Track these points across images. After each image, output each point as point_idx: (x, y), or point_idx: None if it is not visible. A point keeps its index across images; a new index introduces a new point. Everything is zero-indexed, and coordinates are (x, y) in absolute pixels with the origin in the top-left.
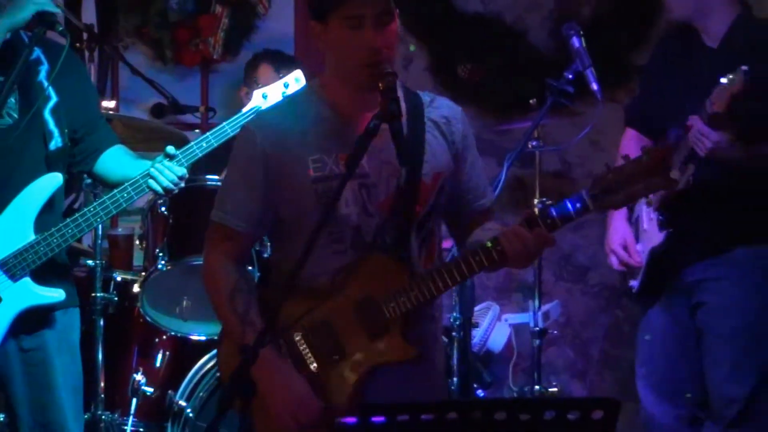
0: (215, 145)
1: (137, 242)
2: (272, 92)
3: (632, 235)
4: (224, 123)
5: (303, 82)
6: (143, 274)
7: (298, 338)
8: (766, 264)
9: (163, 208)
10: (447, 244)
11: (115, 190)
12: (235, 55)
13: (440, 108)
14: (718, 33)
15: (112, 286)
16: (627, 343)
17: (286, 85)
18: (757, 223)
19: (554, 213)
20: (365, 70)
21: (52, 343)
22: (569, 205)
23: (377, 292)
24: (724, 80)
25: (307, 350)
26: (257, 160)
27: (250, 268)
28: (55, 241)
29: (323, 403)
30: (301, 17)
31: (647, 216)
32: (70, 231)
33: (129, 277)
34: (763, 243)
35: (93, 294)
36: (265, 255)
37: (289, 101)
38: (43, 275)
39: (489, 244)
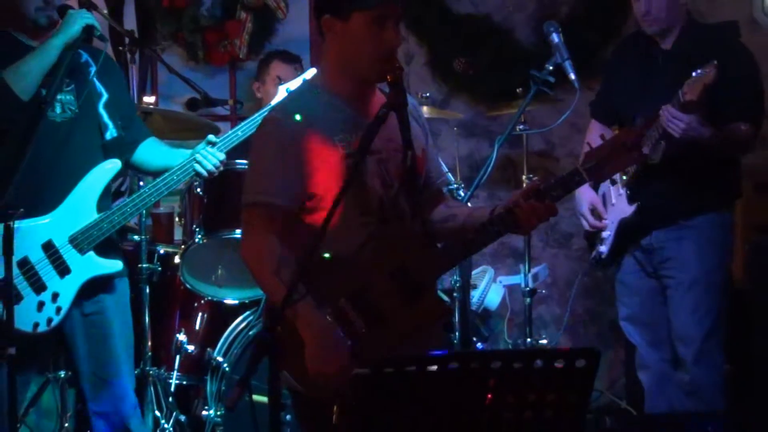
0: (249, 133)
1: (177, 219)
2: (294, 86)
3: (599, 200)
4: (255, 114)
5: None
6: (183, 247)
7: (343, 305)
8: (719, 226)
9: (198, 189)
10: None
11: (165, 174)
12: (258, 54)
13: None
14: (671, 37)
15: (155, 258)
16: (606, 300)
17: (305, 80)
18: (713, 194)
19: (558, 186)
20: (379, 64)
21: (109, 307)
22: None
23: (407, 259)
24: (696, 73)
25: (354, 314)
26: (289, 143)
27: None
28: (116, 218)
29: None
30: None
31: (615, 192)
32: (128, 210)
33: (170, 249)
34: (717, 210)
35: (139, 265)
36: None
37: (299, 94)
38: (103, 249)
39: (504, 212)
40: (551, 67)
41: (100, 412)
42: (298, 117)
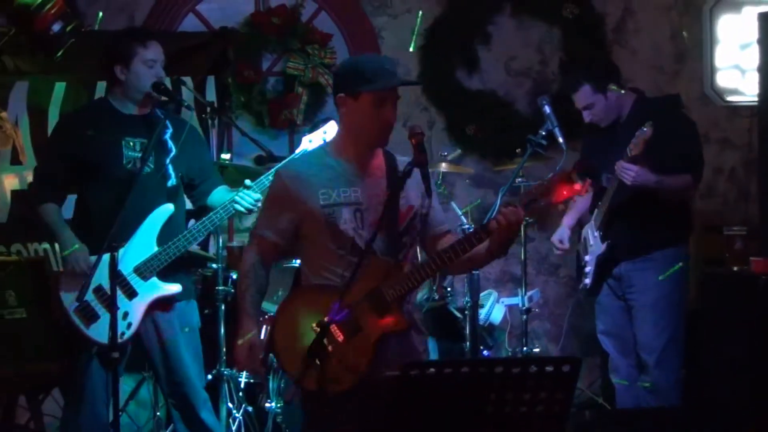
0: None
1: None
2: (315, 137)
3: (567, 235)
4: (284, 161)
5: (336, 128)
6: None
7: (327, 320)
8: (672, 259)
9: None
10: None
11: (211, 213)
12: (312, 121)
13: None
14: (624, 114)
15: (229, 282)
16: (586, 317)
17: (324, 132)
18: (669, 233)
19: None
20: (380, 134)
21: (177, 324)
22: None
23: (380, 283)
24: (638, 133)
25: (336, 329)
26: (282, 194)
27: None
28: (172, 251)
29: (350, 366)
30: None
31: (592, 235)
32: (182, 243)
33: None
34: (670, 246)
35: (216, 287)
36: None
37: (309, 154)
38: (171, 275)
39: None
40: (544, 133)
41: (176, 404)
42: (302, 177)
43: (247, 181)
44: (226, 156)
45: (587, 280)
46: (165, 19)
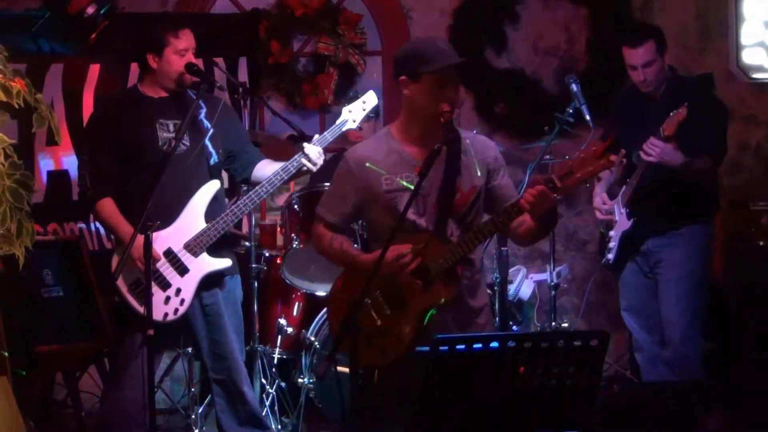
0: (330, 140)
1: (279, 229)
2: (355, 108)
3: (605, 197)
4: (326, 132)
5: (375, 99)
6: (283, 251)
7: (377, 293)
8: (702, 235)
9: (296, 206)
10: None
11: (257, 186)
12: (342, 101)
13: (477, 142)
14: (660, 90)
15: (262, 260)
16: (613, 292)
17: (364, 101)
18: (696, 210)
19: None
20: (441, 115)
21: (222, 299)
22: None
23: (426, 257)
24: (672, 113)
25: (382, 300)
26: (347, 177)
27: (355, 245)
28: (220, 226)
29: (396, 338)
30: (387, 73)
31: (618, 211)
32: (230, 218)
33: (274, 253)
34: (698, 222)
35: (250, 265)
36: (365, 236)
37: (374, 139)
38: (217, 251)
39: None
40: (571, 110)
41: (218, 379)
42: (367, 163)
43: (316, 136)
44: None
45: (610, 255)
46: (197, 0)
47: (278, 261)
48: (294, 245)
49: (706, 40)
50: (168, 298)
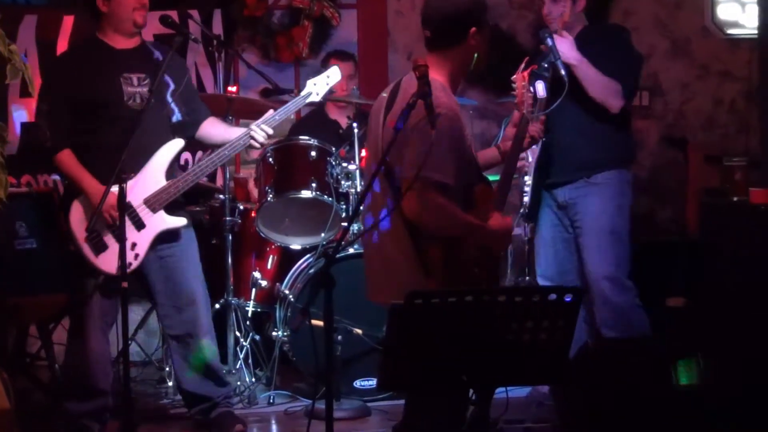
0: (279, 119)
1: (253, 182)
2: (319, 81)
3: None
4: (288, 103)
5: (339, 75)
6: (258, 203)
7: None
8: (616, 182)
9: (270, 159)
10: None
11: (221, 148)
12: (317, 54)
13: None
14: (573, 33)
15: (237, 213)
16: None
17: (328, 76)
18: (605, 154)
19: None
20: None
21: (179, 251)
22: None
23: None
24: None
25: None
26: (462, 134)
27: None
28: (180, 184)
29: None
30: (362, 27)
31: (531, 154)
32: (190, 177)
33: (248, 206)
34: (612, 168)
35: (224, 218)
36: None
37: (443, 92)
38: (172, 208)
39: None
40: (546, 65)
41: (175, 335)
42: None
43: (270, 112)
44: (232, 89)
45: (526, 199)
46: None
47: (253, 214)
48: (269, 198)
49: None
50: None
